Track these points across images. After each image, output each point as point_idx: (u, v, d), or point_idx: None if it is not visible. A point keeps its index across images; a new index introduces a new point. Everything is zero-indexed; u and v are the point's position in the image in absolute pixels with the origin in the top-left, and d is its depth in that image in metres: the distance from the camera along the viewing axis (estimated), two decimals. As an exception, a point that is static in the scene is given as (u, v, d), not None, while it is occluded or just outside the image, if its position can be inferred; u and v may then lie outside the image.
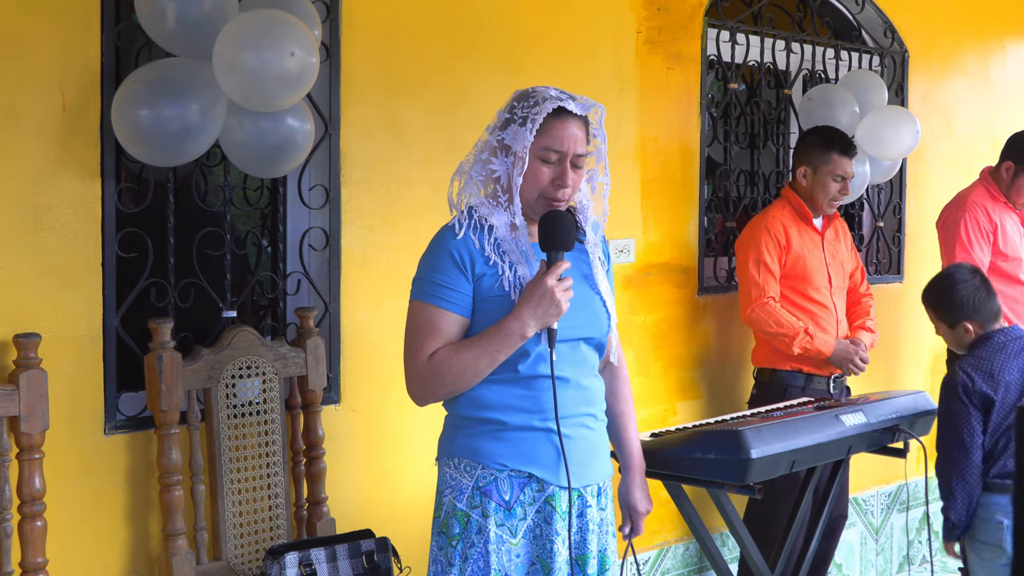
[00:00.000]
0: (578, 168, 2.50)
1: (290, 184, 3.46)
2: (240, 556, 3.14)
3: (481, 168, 2.51)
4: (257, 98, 2.86)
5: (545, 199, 2.48)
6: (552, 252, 2.40)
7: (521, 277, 2.45)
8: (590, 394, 2.56)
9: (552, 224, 2.41)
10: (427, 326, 2.44)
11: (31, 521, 2.79)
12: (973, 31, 5.75)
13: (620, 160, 4.22)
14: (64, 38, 2.93)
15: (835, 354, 4.22)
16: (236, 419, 3.16)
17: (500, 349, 2.39)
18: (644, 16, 4.26)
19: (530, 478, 2.45)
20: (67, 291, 2.96)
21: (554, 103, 2.46)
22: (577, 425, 2.50)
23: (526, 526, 2.45)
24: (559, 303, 2.36)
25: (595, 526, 2.54)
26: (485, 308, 2.44)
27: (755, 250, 4.24)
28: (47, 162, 2.92)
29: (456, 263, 2.44)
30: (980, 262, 4.69)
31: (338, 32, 3.44)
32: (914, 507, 5.47)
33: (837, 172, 4.27)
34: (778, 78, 4.88)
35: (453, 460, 2.49)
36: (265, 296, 3.53)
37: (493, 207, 2.50)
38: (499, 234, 2.47)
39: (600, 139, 2.58)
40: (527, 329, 2.37)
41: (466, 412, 2.48)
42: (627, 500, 2.77)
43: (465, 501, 2.45)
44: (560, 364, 2.45)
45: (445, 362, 2.41)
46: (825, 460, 3.17)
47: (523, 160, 2.44)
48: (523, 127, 2.44)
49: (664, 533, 4.44)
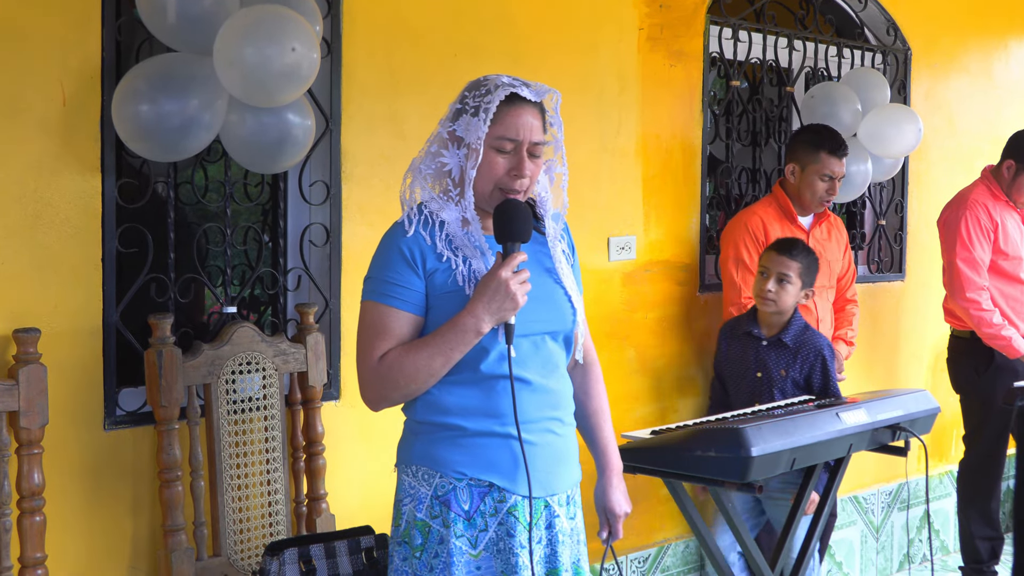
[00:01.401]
0: (535, 157, 2.39)
1: (291, 180, 3.46)
2: (239, 552, 3.14)
3: (431, 162, 2.41)
4: (258, 94, 2.85)
5: (501, 191, 2.37)
6: (507, 243, 2.30)
7: (475, 271, 2.36)
8: (556, 397, 2.45)
9: (507, 214, 2.31)
10: (378, 326, 2.35)
11: (30, 516, 2.79)
12: (976, 29, 5.74)
13: (622, 157, 4.21)
14: (64, 33, 2.93)
15: None
16: (236, 415, 3.15)
17: (455, 347, 2.29)
18: (646, 13, 4.26)
19: (490, 487, 2.35)
20: (67, 286, 2.96)
21: (507, 90, 2.35)
22: (542, 431, 2.40)
23: (487, 538, 2.36)
24: (514, 296, 2.26)
25: (565, 537, 2.44)
26: (439, 305, 2.35)
27: (734, 248, 4.24)
28: (47, 157, 2.92)
29: (407, 260, 2.35)
30: (981, 261, 4.68)
31: (339, 27, 3.43)
32: (915, 505, 5.46)
33: (825, 171, 4.25)
34: (780, 75, 4.88)
35: (411, 468, 2.40)
36: (266, 292, 3.53)
37: (444, 202, 2.39)
38: (451, 229, 2.38)
39: (557, 127, 2.45)
40: (482, 324, 2.27)
41: (423, 417, 2.38)
42: (604, 503, 2.64)
43: (425, 511, 2.36)
44: (523, 364, 2.36)
45: (397, 363, 2.31)
46: (826, 458, 3.17)
47: (477, 151, 2.33)
48: (475, 117, 2.34)
49: (664, 531, 4.43)
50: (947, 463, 5.65)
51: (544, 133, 2.41)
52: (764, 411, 3.35)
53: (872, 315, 5.23)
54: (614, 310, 4.11)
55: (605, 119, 4.15)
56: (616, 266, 4.21)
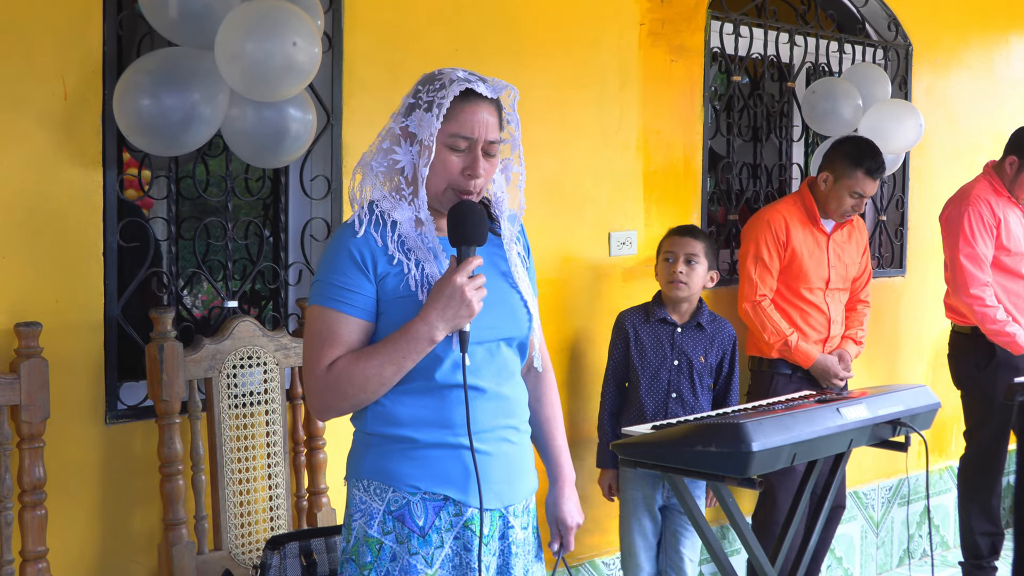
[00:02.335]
0: (491, 156, 2.28)
1: (292, 174, 3.46)
2: (241, 546, 3.14)
3: (383, 159, 2.30)
4: (259, 88, 2.85)
5: (454, 191, 2.26)
6: (462, 247, 2.19)
7: (429, 275, 2.25)
8: (511, 404, 2.35)
9: (461, 216, 2.19)
10: (325, 333, 2.23)
11: (32, 510, 2.80)
12: (977, 25, 5.73)
13: (623, 152, 4.21)
14: (66, 27, 2.93)
15: (814, 368, 4.24)
16: (237, 409, 3.16)
17: (407, 356, 2.18)
18: (647, 8, 4.25)
19: (446, 500, 2.26)
20: (68, 280, 2.96)
21: (461, 85, 2.24)
22: (497, 440, 2.31)
23: (443, 555, 2.26)
24: (470, 303, 2.16)
25: (518, 548, 2.36)
26: (391, 311, 2.24)
27: (754, 244, 4.26)
28: (49, 151, 2.92)
29: (356, 263, 2.24)
30: (984, 257, 4.68)
31: (340, 22, 3.43)
32: (915, 501, 5.47)
33: (856, 189, 4.24)
34: (781, 71, 4.87)
35: (363, 482, 2.29)
36: (267, 286, 3.53)
37: (396, 201, 2.29)
38: (403, 230, 2.27)
39: (514, 125, 2.34)
40: (436, 332, 2.17)
41: (374, 428, 2.28)
42: (555, 514, 2.55)
43: (377, 527, 2.26)
44: (477, 371, 2.26)
45: (346, 372, 2.20)
46: (826, 453, 3.17)
47: (430, 149, 2.23)
48: (428, 112, 2.23)
49: (664, 526, 4.43)
50: (947, 458, 5.66)
51: (500, 131, 2.31)
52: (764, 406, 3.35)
53: (873, 311, 5.22)
54: (615, 305, 4.11)
55: (606, 114, 4.15)
56: (617, 261, 4.21)
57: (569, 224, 4.05)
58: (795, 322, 4.26)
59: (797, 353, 4.20)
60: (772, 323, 4.18)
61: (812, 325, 4.29)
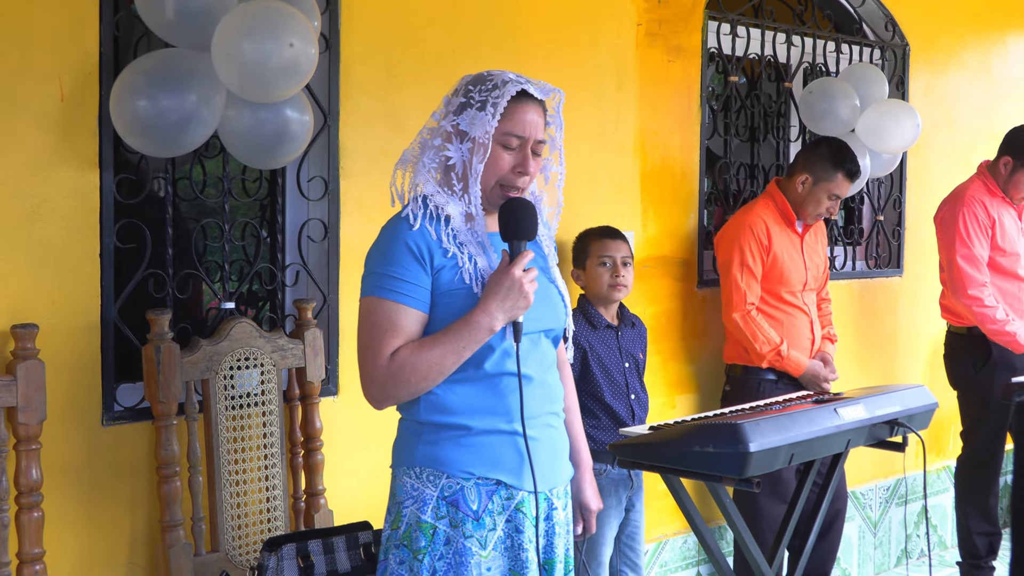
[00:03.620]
0: (537, 155, 2.40)
1: (289, 175, 3.46)
2: (238, 547, 3.14)
3: (434, 156, 2.39)
4: (256, 89, 2.85)
5: (503, 187, 2.37)
6: (515, 242, 2.31)
7: (482, 269, 2.34)
8: (552, 391, 2.47)
9: (515, 212, 2.32)
10: (386, 323, 2.30)
11: (29, 512, 2.79)
12: (974, 25, 5.74)
13: (620, 153, 4.21)
14: (62, 28, 2.92)
15: (805, 375, 4.22)
16: (234, 410, 3.15)
17: (467, 345, 2.28)
18: (644, 8, 4.25)
19: (498, 484, 2.35)
20: (65, 282, 2.96)
21: (516, 86, 2.35)
22: (543, 426, 2.41)
23: (496, 537, 2.35)
24: (527, 295, 2.28)
25: (560, 528, 2.47)
26: (445, 303, 2.33)
27: (738, 251, 4.19)
28: (45, 152, 2.91)
29: (414, 255, 2.32)
30: (980, 257, 4.68)
31: (337, 23, 3.43)
32: (912, 501, 5.47)
33: (835, 191, 4.22)
34: (778, 71, 4.87)
35: (414, 469, 2.35)
36: (264, 287, 3.53)
37: (448, 196, 2.37)
38: (455, 224, 2.36)
39: (556, 127, 2.46)
40: (495, 323, 2.27)
41: (427, 417, 2.35)
42: (578, 499, 2.67)
43: (431, 512, 2.32)
44: (524, 360, 2.35)
45: (408, 361, 2.28)
46: (824, 454, 3.16)
47: (485, 146, 2.32)
48: (483, 112, 2.33)
49: (662, 526, 4.44)
50: (945, 458, 5.66)
51: (544, 132, 2.41)
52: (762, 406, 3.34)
53: (870, 311, 5.24)
54: (612, 306, 4.10)
55: (603, 115, 4.15)
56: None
57: (565, 224, 4.03)
58: (782, 326, 4.24)
59: (788, 362, 4.18)
60: (763, 333, 4.15)
61: (799, 328, 4.28)
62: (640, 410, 3.84)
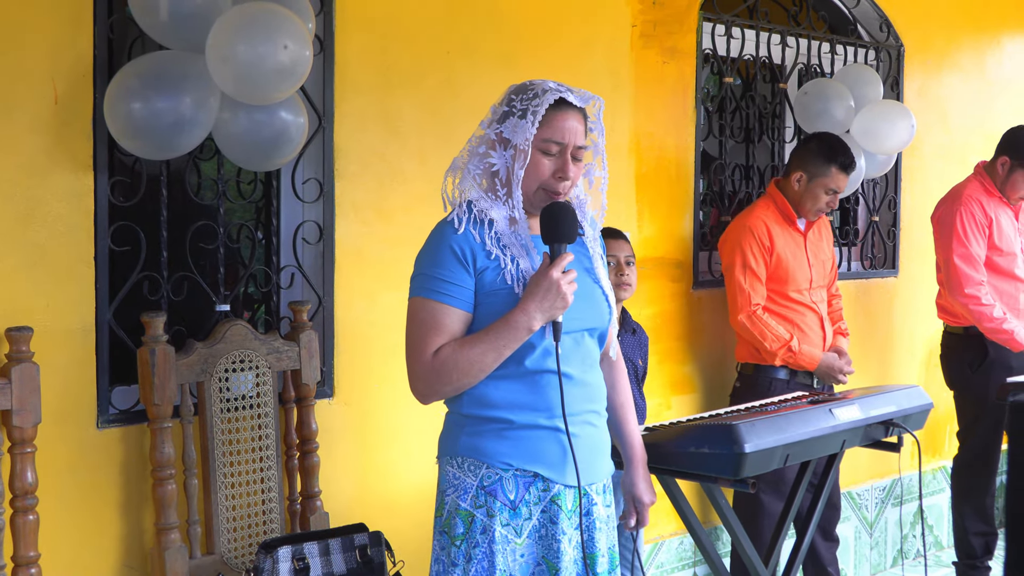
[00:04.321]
0: (577, 161, 2.49)
1: (284, 177, 3.46)
2: (233, 550, 3.14)
3: (479, 162, 2.50)
4: (250, 91, 2.85)
5: (545, 192, 2.47)
6: (555, 244, 2.39)
7: (524, 270, 2.44)
8: (593, 390, 2.55)
9: (555, 216, 2.40)
10: (430, 322, 2.42)
11: (23, 515, 2.79)
12: (969, 26, 5.74)
13: (615, 154, 4.21)
14: (56, 30, 2.92)
15: (819, 368, 4.24)
16: (229, 413, 3.15)
17: (507, 344, 2.38)
18: (639, 10, 4.26)
19: (536, 477, 2.44)
20: (59, 284, 2.96)
21: (555, 95, 2.45)
22: (582, 423, 2.49)
23: (531, 526, 2.44)
24: (565, 296, 2.36)
25: (602, 523, 2.55)
26: (488, 303, 2.43)
27: (740, 254, 4.22)
28: (39, 155, 2.91)
29: (458, 258, 2.42)
30: (977, 256, 4.69)
31: (332, 25, 3.43)
32: (908, 501, 5.47)
33: (831, 185, 4.24)
34: (773, 72, 4.88)
35: (456, 459, 2.47)
36: (259, 290, 3.52)
37: (492, 201, 2.48)
38: (499, 228, 2.46)
39: (597, 132, 2.58)
40: (533, 322, 2.37)
41: (470, 410, 2.46)
42: (632, 492, 2.76)
43: (469, 501, 2.43)
44: (565, 359, 2.44)
45: (451, 358, 2.39)
46: (819, 454, 3.17)
47: (525, 153, 2.43)
48: (523, 119, 2.43)
49: (659, 527, 4.44)
50: (941, 458, 5.67)
51: (585, 138, 2.50)
52: (757, 407, 3.35)
53: (865, 311, 5.24)
54: (608, 307, 4.11)
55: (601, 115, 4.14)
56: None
57: (562, 226, 4.04)
58: (792, 324, 4.26)
59: (801, 356, 4.19)
60: (771, 331, 4.17)
61: (809, 326, 4.29)
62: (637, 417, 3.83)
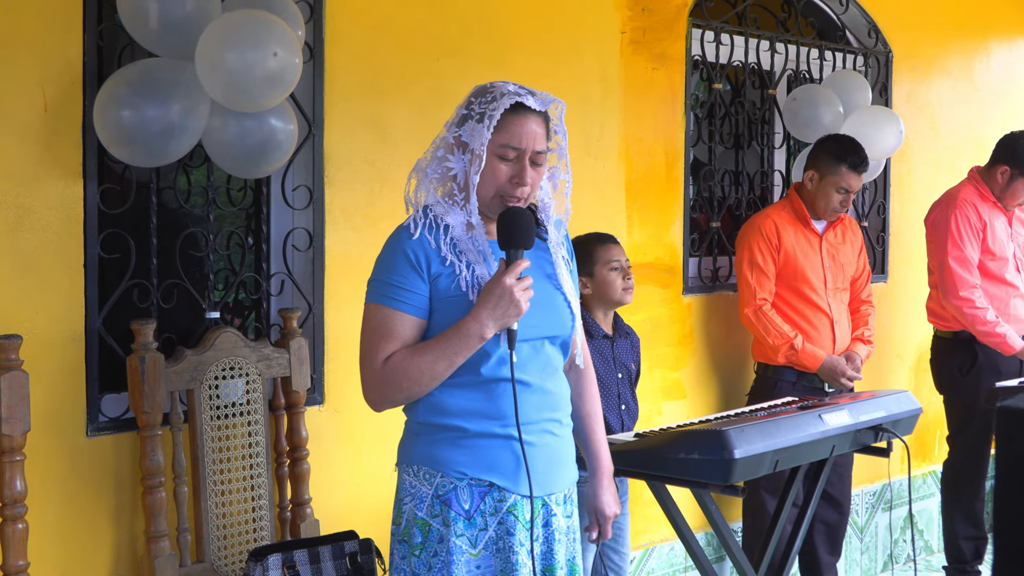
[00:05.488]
0: (538, 166, 2.44)
1: (274, 184, 3.46)
2: (223, 558, 3.13)
3: (437, 166, 2.46)
4: (240, 98, 2.85)
5: (502, 197, 2.42)
6: (511, 250, 2.34)
7: (479, 276, 2.40)
8: (554, 398, 2.49)
9: (511, 221, 2.36)
10: (382, 329, 2.38)
11: (13, 523, 2.78)
12: (957, 31, 5.77)
13: (605, 160, 4.22)
14: (46, 38, 2.92)
15: (822, 369, 4.26)
16: (219, 420, 3.15)
17: (459, 351, 2.33)
18: (628, 16, 4.27)
19: (491, 487, 2.40)
20: (49, 292, 2.95)
21: (512, 99, 2.40)
22: (541, 432, 2.44)
23: (487, 537, 2.40)
24: (518, 303, 2.31)
25: (561, 535, 2.49)
26: (443, 309, 2.39)
27: (747, 250, 4.32)
28: (28, 163, 2.91)
29: (411, 264, 2.39)
30: (971, 259, 4.70)
31: (322, 32, 3.43)
32: (898, 506, 5.48)
33: (842, 184, 4.31)
34: (762, 78, 4.89)
35: (412, 467, 2.44)
36: (249, 297, 3.52)
37: (449, 206, 2.44)
38: (455, 233, 2.42)
39: (561, 135, 2.51)
40: (486, 330, 2.32)
41: (425, 418, 2.42)
42: (595, 504, 2.70)
43: (425, 510, 2.40)
44: (523, 367, 2.40)
45: (402, 366, 2.35)
46: (808, 460, 3.18)
47: (480, 158, 2.38)
48: (480, 124, 2.39)
49: (649, 533, 4.44)
50: (931, 463, 5.68)
51: (548, 141, 2.46)
52: (747, 412, 3.36)
53: (855, 316, 5.25)
54: (598, 313, 4.11)
55: (588, 122, 4.16)
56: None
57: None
58: (799, 325, 4.29)
59: (804, 355, 4.22)
60: (775, 327, 4.21)
61: (816, 327, 4.32)
62: (629, 420, 3.84)
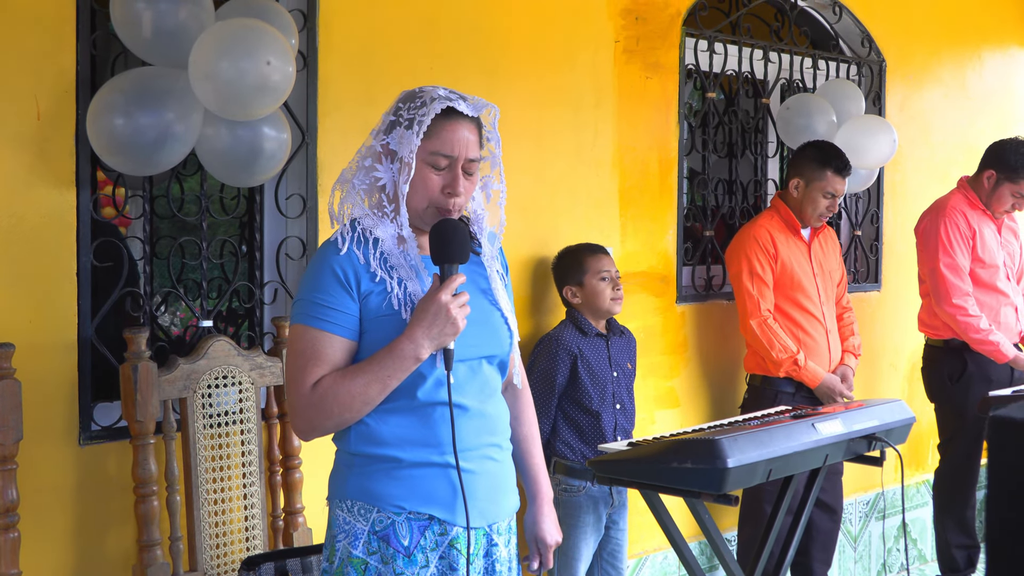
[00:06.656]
0: (470, 174, 2.28)
1: (267, 193, 3.46)
2: (216, 566, 3.12)
3: (364, 176, 2.29)
4: (233, 107, 2.85)
5: (435, 208, 2.26)
6: (445, 265, 2.19)
7: (412, 294, 2.24)
8: (493, 422, 2.34)
9: (445, 235, 2.20)
10: (309, 352, 2.21)
11: (5, 532, 2.77)
12: (949, 40, 5.78)
13: (598, 169, 4.23)
14: (39, 46, 2.92)
15: (820, 388, 4.28)
16: (212, 429, 3.14)
17: (392, 374, 2.17)
18: (622, 25, 4.27)
19: (431, 520, 2.24)
20: (41, 301, 2.95)
21: (442, 103, 2.24)
22: (481, 458, 2.30)
23: (429, 574, 2.24)
24: (455, 320, 2.16)
25: (502, 565, 2.35)
26: (374, 329, 2.23)
27: (746, 261, 4.31)
28: (21, 171, 2.90)
29: (340, 281, 2.22)
30: (963, 266, 4.72)
31: (315, 41, 3.43)
32: (891, 515, 5.49)
33: (828, 189, 4.33)
34: (756, 87, 4.90)
35: (346, 503, 2.27)
36: (242, 305, 3.52)
37: (378, 218, 2.27)
38: (385, 247, 2.26)
39: (495, 143, 2.36)
40: (421, 351, 2.17)
41: (357, 448, 2.26)
42: (534, 532, 2.55)
43: (362, 547, 2.23)
44: (460, 389, 2.25)
45: (331, 391, 2.18)
46: (802, 469, 3.18)
47: (410, 166, 2.22)
48: (409, 130, 2.23)
49: (642, 542, 4.44)
50: (924, 472, 5.68)
51: (481, 149, 2.32)
52: (740, 422, 3.36)
53: (848, 325, 5.26)
54: (591, 322, 4.11)
55: (581, 131, 4.17)
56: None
57: (545, 241, 4.06)
58: (796, 337, 4.30)
59: (806, 372, 4.24)
60: (780, 340, 4.22)
61: (814, 337, 4.33)
62: (624, 420, 3.85)
